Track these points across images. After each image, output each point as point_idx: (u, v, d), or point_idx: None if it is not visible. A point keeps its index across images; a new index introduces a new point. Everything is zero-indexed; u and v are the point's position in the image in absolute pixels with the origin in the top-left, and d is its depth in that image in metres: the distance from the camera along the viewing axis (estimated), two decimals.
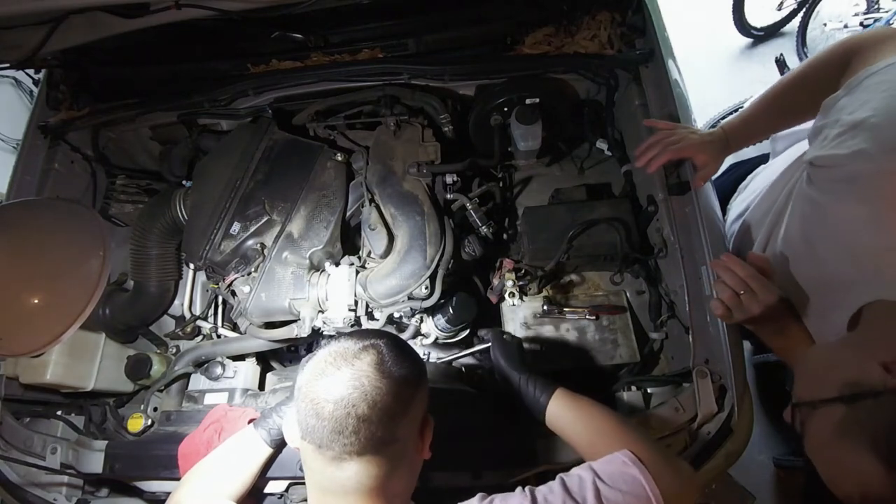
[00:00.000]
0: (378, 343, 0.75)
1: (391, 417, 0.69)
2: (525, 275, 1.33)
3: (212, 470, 0.92)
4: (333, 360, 0.72)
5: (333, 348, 0.74)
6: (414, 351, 0.81)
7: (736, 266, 0.90)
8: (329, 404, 0.68)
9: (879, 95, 0.76)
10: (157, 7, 1.15)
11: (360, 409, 0.67)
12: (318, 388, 0.70)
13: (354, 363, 0.71)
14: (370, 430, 0.67)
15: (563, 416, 0.91)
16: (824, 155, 0.80)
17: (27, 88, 2.98)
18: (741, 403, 1.04)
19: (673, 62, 1.38)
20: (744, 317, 0.89)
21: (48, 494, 1.18)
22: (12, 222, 1.13)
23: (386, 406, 0.68)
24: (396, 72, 1.42)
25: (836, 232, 0.81)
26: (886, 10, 2.99)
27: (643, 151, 1.15)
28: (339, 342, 0.76)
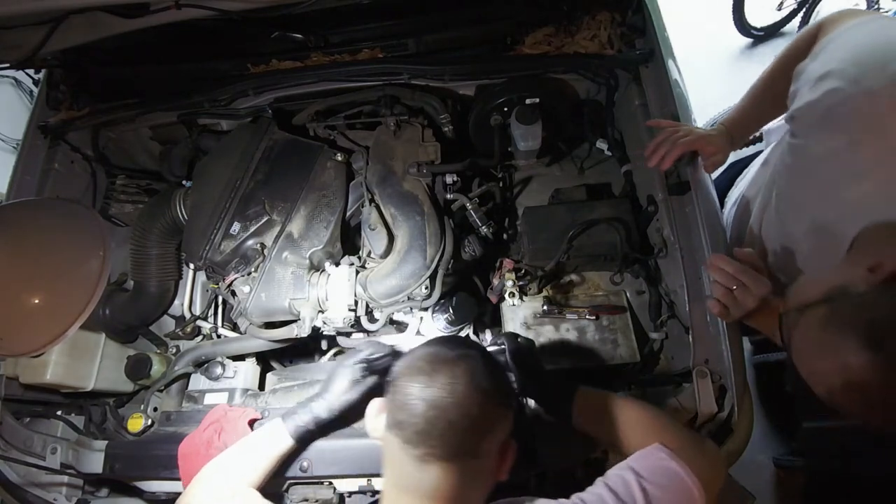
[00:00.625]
0: (475, 355, 0.76)
1: (478, 430, 0.70)
2: (525, 275, 1.33)
3: (238, 457, 0.94)
4: (430, 362, 0.74)
5: (431, 351, 0.77)
6: (506, 373, 0.84)
7: (725, 264, 0.92)
8: (422, 403, 0.69)
9: (840, 52, 0.83)
10: (157, 7, 1.15)
11: (451, 413, 0.68)
12: (413, 387, 0.71)
13: (452, 369, 0.72)
14: (457, 438, 0.68)
15: (590, 414, 0.92)
16: (800, 105, 0.86)
17: (27, 88, 2.98)
18: (741, 403, 1.04)
19: (673, 62, 1.38)
20: (741, 312, 0.90)
21: (48, 494, 1.18)
22: (12, 222, 1.13)
23: (475, 418, 0.69)
24: (396, 72, 1.42)
25: (820, 169, 0.85)
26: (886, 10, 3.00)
27: (653, 150, 1.15)
28: (436, 345, 0.79)
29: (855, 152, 0.79)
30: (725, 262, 0.93)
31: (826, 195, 0.85)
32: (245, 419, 1.08)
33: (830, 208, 0.85)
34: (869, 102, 0.76)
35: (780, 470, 2.04)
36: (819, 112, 0.83)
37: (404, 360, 0.77)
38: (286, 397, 1.20)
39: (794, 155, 0.92)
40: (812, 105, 0.83)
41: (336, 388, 0.99)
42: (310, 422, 0.97)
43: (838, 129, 0.81)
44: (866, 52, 0.79)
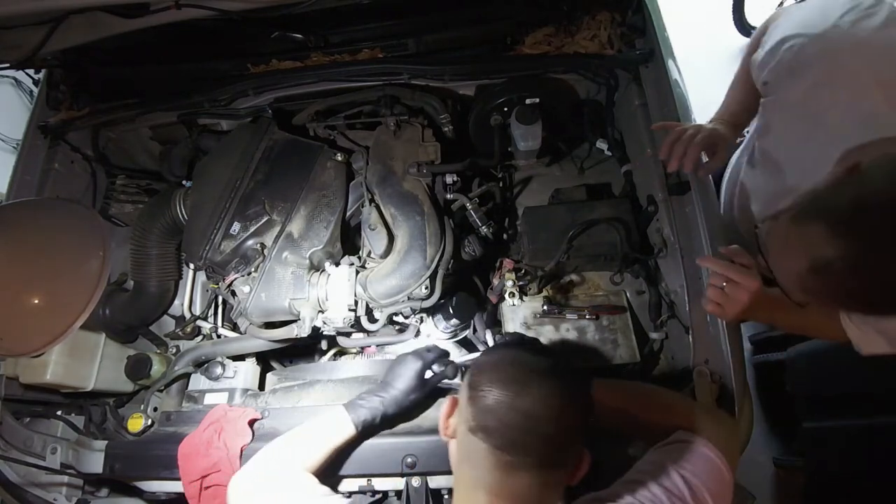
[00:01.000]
0: (565, 368, 0.77)
1: (570, 442, 0.72)
2: (525, 275, 1.33)
3: (300, 440, 0.94)
4: (521, 370, 0.73)
5: (517, 357, 0.76)
6: (588, 383, 0.85)
7: (711, 263, 0.97)
8: (517, 414, 0.69)
9: (785, 26, 0.97)
10: (157, 7, 1.15)
11: (548, 427, 0.69)
12: (506, 395, 0.70)
13: (547, 381, 0.72)
14: (551, 450, 0.70)
15: (608, 402, 0.93)
16: (766, 73, 1.00)
17: (27, 88, 2.97)
18: (741, 403, 1.04)
19: (673, 62, 1.38)
20: (736, 308, 0.92)
21: (48, 494, 1.18)
22: (12, 222, 1.13)
23: (569, 430, 0.71)
24: (396, 72, 1.42)
25: (799, 111, 0.94)
26: None
27: (669, 152, 1.11)
28: (519, 351, 0.78)
29: (823, 86, 0.89)
30: (711, 262, 0.98)
31: (809, 130, 0.93)
32: (245, 419, 1.08)
33: (813, 140, 0.92)
34: (821, 43, 0.89)
35: (780, 470, 2.04)
36: (784, 67, 0.96)
37: (487, 364, 0.77)
38: (286, 397, 1.20)
39: (772, 110, 1.03)
40: (777, 66, 0.96)
41: (404, 386, 1.01)
42: (377, 415, 0.98)
43: (804, 73, 0.92)
44: (807, 15, 0.94)
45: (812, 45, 0.90)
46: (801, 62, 0.92)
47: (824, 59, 0.88)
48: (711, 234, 1.15)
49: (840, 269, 0.64)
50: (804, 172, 0.96)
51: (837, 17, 0.87)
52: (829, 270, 0.65)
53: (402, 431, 1.04)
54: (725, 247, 0.97)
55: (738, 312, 0.93)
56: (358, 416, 0.96)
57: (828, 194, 0.69)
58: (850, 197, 0.66)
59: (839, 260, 0.64)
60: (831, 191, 0.69)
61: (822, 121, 0.89)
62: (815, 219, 0.67)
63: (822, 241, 0.65)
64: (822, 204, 0.69)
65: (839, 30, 0.86)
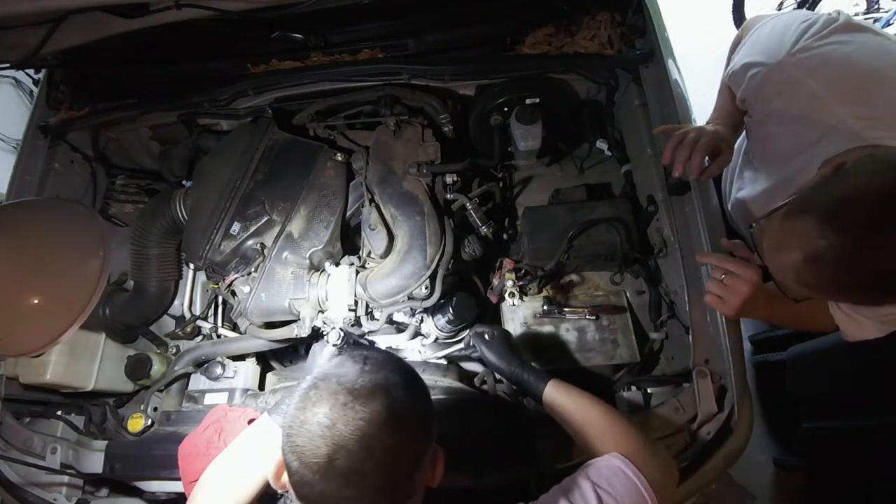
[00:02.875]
0: (388, 386, 0.64)
1: (403, 476, 0.63)
2: (525, 275, 1.33)
3: (231, 464, 0.91)
4: (335, 393, 0.62)
5: (336, 377, 0.65)
6: (424, 385, 0.73)
7: (709, 258, 1.02)
8: (322, 458, 0.59)
9: (753, 45, 1.05)
10: (157, 7, 1.15)
11: (376, 481, 0.60)
12: (310, 429, 0.60)
13: (359, 409, 0.61)
14: (386, 496, 0.62)
15: (559, 404, 0.95)
16: (739, 93, 1.07)
17: (27, 88, 2.98)
18: (741, 403, 1.04)
19: (673, 62, 1.38)
20: (736, 299, 0.93)
21: (48, 494, 1.18)
22: (12, 222, 1.13)
23: (396, 466, 0.62)
24: (396, 72, 1.42)
25: (769, 137, 1.03)
26: (886, 10, 3.00)
27: (671, 157, 1.09)
28: (343, 366, 0.66)
29: (787, 111, 0.97)
30: (711, 256, 1.02)
31: (784, 152, 1.00)
32: (245, 419, 1.08)
33: (791, 160, 0.99)
34: (780, 72, 0.97)
35: (780, 470, 2.04)
36: (752, 93, 1.04)
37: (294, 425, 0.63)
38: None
39: (751, 127, 1.11)
40: (746, 90, 1.05)
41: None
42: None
43: (770, 98, 1.00)
44: (767, 38, 1.02)
45: (772, 74, 0.98)
46: (766, 92, 1.01)
47: (784, 86, 0.97)
48: (711, 234, 1.15)
49: (831, 259, 0.68)
50: (787, 182, 1.02)
51: (792, 45, 0.96)
52: (822, 261, 0.69)
53: None
54: (726, 240, 1.01)
55: (739, 305, 0.93)
56: (279, 418, 0.94)
57: (816, 191, 0.73)
58: (837, 191, 0.70)
59: (830, 250, 0.67)
60: (819, 188, 0.73)
61: (798, 140, 0.96)
62: (805, 213, 0.71)
63: (812, 234, 0.69)
64: (810, 200, 0.73)
65: (794, 58, 0.95)
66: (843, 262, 0.67)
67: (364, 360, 0.68)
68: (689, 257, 1.17)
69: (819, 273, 0.70)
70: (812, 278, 0.72)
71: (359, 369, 0.66)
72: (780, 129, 1.00)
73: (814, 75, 0.92)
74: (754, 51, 1.04)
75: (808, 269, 0.71)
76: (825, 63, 0.92)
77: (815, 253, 0.69)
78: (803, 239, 0.70)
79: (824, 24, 0.94)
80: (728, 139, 1.14)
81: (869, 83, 0.89)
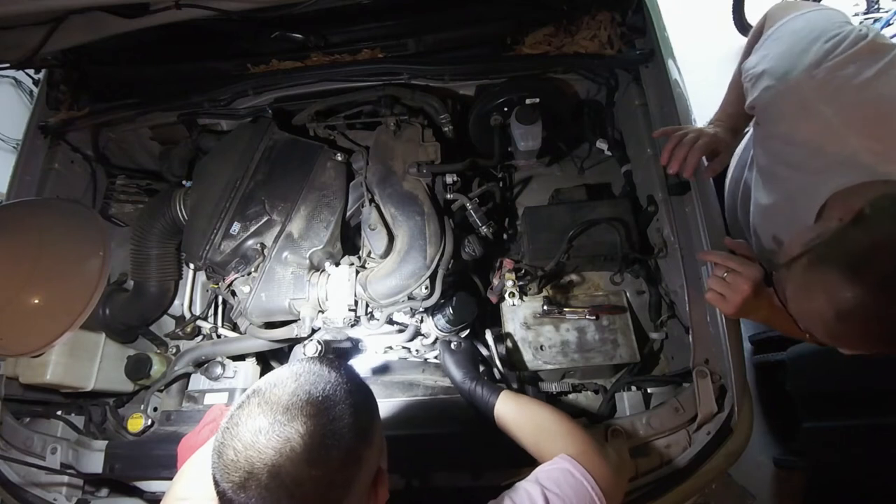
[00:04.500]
0: (318, 410, 0.59)
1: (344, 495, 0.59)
2: (525, 275, 1.33)
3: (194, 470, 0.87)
4: (253, 415, 0.58)
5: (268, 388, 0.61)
6: (364, 389, 0.68)
7: (712, 255, 1.00)
8: (236, 482, 0.55)
9: (772, 45, 0.97)
10: (157, 7, 1.15)
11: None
12: (227, 452, 0.57)
13: (273, 437, 0.56)
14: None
15: (510, 415, 0.95)
16: (749, 102, 1.00)
17: (27, 88, 2.98)
18: (741, 403, 1.04)
19: (673, 62, 1.38)
20: (737, 297, 0.93)
21: (48, 494, 1.18)
22: (12, 222, 1.13)
23: (316, 496, 0.57)
24: (396, 72, 1.42)
25: (776, 153, 0.98)
26: (886, 10, 3.00)
27: (670, 157, 1.12)
28: (277, 382, 0.62)
29: (799, 133, 0.90)
30: (713, 254, 1.01)
31: (786, 169, 0.96)
32: None
33: (792, 179, 0.94)
34: (795, 95, 0.89)
35: (780, 470, 2.04)
36: (762, 108, 0.98)
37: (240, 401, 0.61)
38: None
39: (760, 140, 1.05)
40: (757, 100, 0.97)
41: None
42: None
43: (780, 118, 0.94)
44: (789, 46, 0.93)
45: (786, 95, 0.91)
46: (777, 110, 0.95)
47: (798, 109, 0.90)
48: (711, 234, 1.15)
49: (861, 315, 0.66)
50: (789, 200, 0.98)
51: (812, 65, 0.88)
52: (852, 317, 0.67)
53: None
54: (729, 238, 1.00)
55: (739, 304, 0.93)
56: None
57: (838, 240, 0.71)
58: (861, 242, 0.68)
59: (860, 307, 0.66)
60: (841, 237, 0.71)
61: (802, 165, 0.91)
62: (830, 266, 0.69)
63: (840, 289, 0.67)
64: (833, 250, 0.70)
65: (812, 81, 0.88)
66: (875, 317, 0.66)
67: (296, 377, 0.63)
68: (689, 257, 1.17)
69: (850, 329, 0.69)
70: (842, 333, 0.71)
71: (291, 389, 0.61)
72: (786, 149, 0.95)
73: (830, 102, 0.86)
74: (774, 55, 0.96)
75: (838, 325, 0.69)
76: (843, 89, 0.86)
77: (845, 310, 0.67)
78: (831, 295, 0.68)
79: (850, 44, 0.87)
80: (726, 141, 1.15)
81: (888, 115, 0.84)
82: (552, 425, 0.89)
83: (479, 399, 1.00)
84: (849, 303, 0.67)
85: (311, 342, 1.17)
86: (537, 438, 0.90)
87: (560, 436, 0.87)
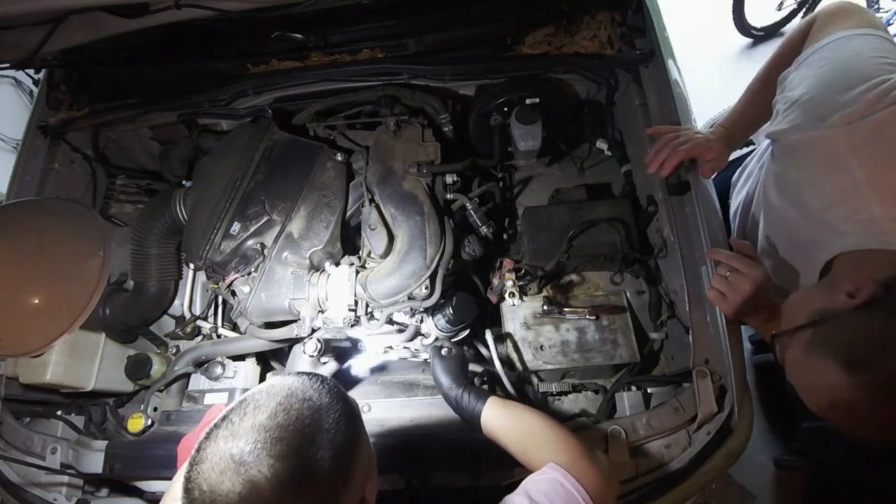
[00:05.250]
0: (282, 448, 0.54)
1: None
2: (525, 275, 1.33)
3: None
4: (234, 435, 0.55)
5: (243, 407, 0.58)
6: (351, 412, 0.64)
7: (717, 254, 1.00)
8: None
9: (816, 72, 0.88)
10: (157, 7, 1.15)
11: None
12: (202, 467, 0.54)
13: (246, 475, 0.53)
14: None
15: (497, 423, 0.94)
16: (773, 130, 0.93)
17: (27, 88, 2.98)
18: (741, 403, 1.04)
19: (673, 62, 1.38)
20: (739, 297, 0.93)
21: (48, 494, 1.18)
22: (12, 222, 1.13)
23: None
24: (396, 72, 1.42)
25: (791, 197, 0.93)
26: (886, 10, 3.00)
27: (653, 157, 1.16)
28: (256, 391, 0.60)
29: (821, 185, 0.85)
30: (717, 253, 1.01)
31: (798, 215, 0.91)
32: None
33: (803, 227, 0.91)
34: (827, 145, 0.83)
35: (780, 470, 2.04)
36: (787, 144, 0.91)
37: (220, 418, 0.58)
38: None
39: (773, 176, 0.99)
40: (782, 135, 0.91)
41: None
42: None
43: (804, 164, 0.88)
44: (832, 80, 0.85)
45: (818, 144, 0.85)
46: (804, 157, 0.88)
47: (825, 159, 0.85)
48: (711, 234, 1.15)
49: (856, 415, 0.66)
50: (793, 249, 0.97)
51: (852, 112, 0.81)
52: (850, 412, 0.66)
53: None
54: (735, 239, 1.00)
55: (739, 304, 0.93)
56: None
57: (842, 326, 0.68)
58: (868, 338, 0.65)
59: (858, 403, 0.64)
60: (849, 326, 0.68)
61: (816, 216, 0.86)
62: (831, 355, 0.67)
63: (839, 385, 0.65)
64: (836, 337, 0.68)
65: (848, 136, 0.81)
66: (869, 418, 0.65)
67: (276, 396, 0.59)
68: (688, 257, 1.17)
69: (842, 420, 0.68)
70: (834, 420, 0.70)
71: (269, 411, 0.57)
72: (803, 195, 0.89)
73: (861, 161, 0.80)
74: (814, 83, 0.87)
75: (830, 412, 0.69)
76: (877, 151, 0.80)
77: (840, 403, 0.67)
78: (829, 385, 0.67)
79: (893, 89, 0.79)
80: (716, 149, 1.14)
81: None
82: (541, 432, 0.88)
83: (465, 406, 0.98)
84: (844, 398, 0.66)
85: (310, 340, 1.17)
86: (525, 445, 0.88)
87: (549, 442, 0.85)
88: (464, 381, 1.04)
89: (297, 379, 0.64)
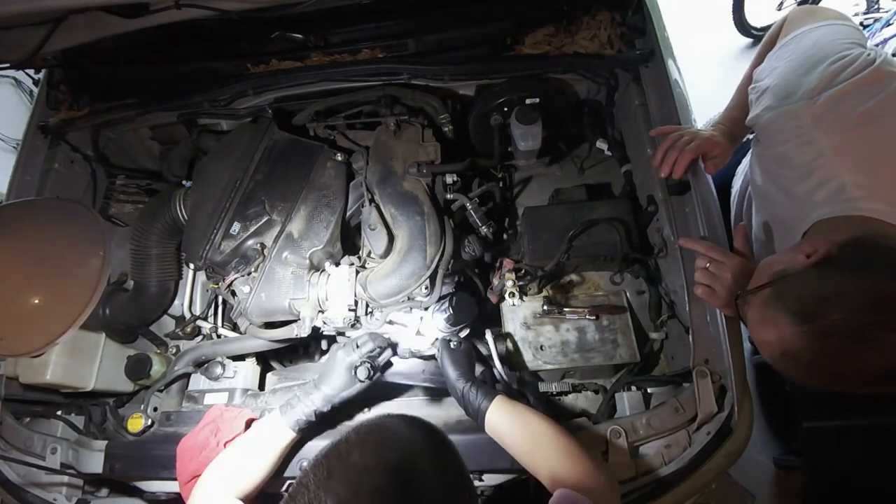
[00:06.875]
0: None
1: None
2: (525, 275, 1.33)
3: (237, 461, 0.93)
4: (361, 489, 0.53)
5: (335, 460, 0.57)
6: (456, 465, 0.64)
7: (694, 244, 1.03)
8: None
9: (782, 62, 0.96)
10: (157, 7, 1.15)
11: None
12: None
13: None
14: None
15: (502, 423, 0.93)
16: (749, 118, 1.01)
17: (27, 88, 2.98)
18: (741, 403, 1.04)
19: (673, 62, 1.38)
20: (723, 288, 0.96)
21: (48, 494, 1.18)
22: (12, 222, 1.13)
23: None
24: (396, 72, 1.42)
25: (771, 175, 0.99)
26: (886, 10, 3.00)
27: (662, 160, 1.16)
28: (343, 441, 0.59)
29: (793, 158, 0.91)
30: (694, 243, 1.04)
31: (778, 193, 0.97)
32: (242, 419, 1.08)
33: (784, 203, 0.96)
34: (794, 119, 0.90)
35: (780, 470, 2.05)
36: (761, 128, 0.98)
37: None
38: (286, 397, 1.20)
39: (756, 158, 1.06)
40: (756, 119, 0.99)
41: (335, 383, 1.01)
42: (310, 414, 0.98)
43: (776, 141, 0.95)
44: (796, 65, 0.93)
45: (785, 120, 0.92)
46: (774, 132, 0.95)
47: (794, 135, 0.91)
48: (711, 234, 1.15)
49: (804, 360, 0.71)
50: (779, 227, 1.01)
51: (817, 89, 0.88)
52: (795, 360, 0.72)
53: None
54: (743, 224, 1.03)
55: (727, 296, 0.95)
56: (291, 419, 0.97)
57: (796, 281, 0.74)
58: (816, 290, 0.71)
59: (803, 352, 0.70)
60: (800, 278, 0.73)
61: (792, 190, 0.92)
62: (783, 307, 0.73)
63: (788, 333, 0.71)
64: (789, 291, 0.74)
65: (812, 109, 0.88)
66: (814, 363, 0.70)
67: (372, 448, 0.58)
68: (688, 257, 1.17)
69: (792, 367, 0.74)
70: (786, 369, 0.75)
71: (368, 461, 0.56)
72: (780, 171, 0.96)
73: (826, 132, 0.87)
74: (780, 71, 0.95)
75: (782, 361, 0.74)
76: (841, 121, 0.86)
77: (790, 352, 0.72)
78: (780, 335, 0.73)
79: (855, 70, 0.86)
80: (721, 144, 1.16)
81: (882, 151, 0.84)
82: (548, 440, 0.88)
83: (471, 401, 0.98)
84: (792, 346, 0.71)
85: (362, 367, 1.04)
86: (531, 449, 0.88)
87: (556, 452, 0.85)
88: (471, 376, 1.05)
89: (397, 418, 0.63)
